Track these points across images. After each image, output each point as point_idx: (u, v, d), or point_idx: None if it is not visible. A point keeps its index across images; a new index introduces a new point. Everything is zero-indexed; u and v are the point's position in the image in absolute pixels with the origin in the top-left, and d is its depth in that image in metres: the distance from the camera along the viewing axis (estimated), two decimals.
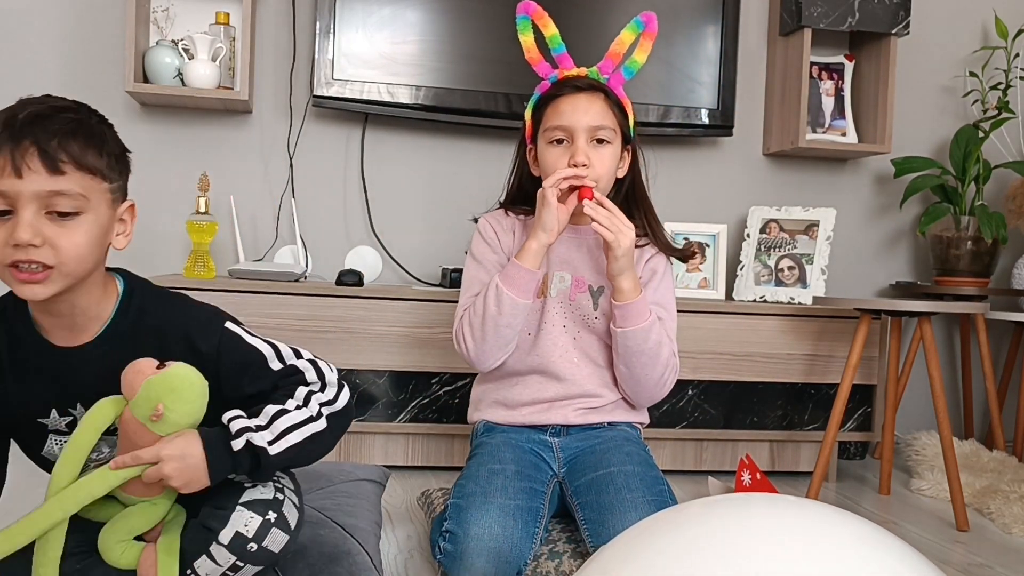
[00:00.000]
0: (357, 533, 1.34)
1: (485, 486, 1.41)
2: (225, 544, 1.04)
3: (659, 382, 1.59)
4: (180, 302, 1.15)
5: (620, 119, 1.56)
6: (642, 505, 1.38)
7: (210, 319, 1.14)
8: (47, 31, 2.42)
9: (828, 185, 2.84)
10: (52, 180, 0.98)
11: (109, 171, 1.05)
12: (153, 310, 1.12)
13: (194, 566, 1.06)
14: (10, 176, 0.97)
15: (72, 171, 0.99)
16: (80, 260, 1.02)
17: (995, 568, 1.70)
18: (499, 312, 1.52)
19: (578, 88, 1.54)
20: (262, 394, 1.12)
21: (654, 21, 1.56)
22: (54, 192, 0.98)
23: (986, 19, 2.89)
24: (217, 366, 1.10)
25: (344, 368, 2.15)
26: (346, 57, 2.39)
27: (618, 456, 1.50)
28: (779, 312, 2.32)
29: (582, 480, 1.48)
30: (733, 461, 2.34)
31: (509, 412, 1.62)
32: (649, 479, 1.45)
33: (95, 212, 1.03)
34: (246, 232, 2.46)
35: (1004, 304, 2.90)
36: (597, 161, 1.53)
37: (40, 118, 0.99)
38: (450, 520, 1.38)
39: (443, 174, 2.62)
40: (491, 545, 1.33)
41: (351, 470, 1.60)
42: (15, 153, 0.97)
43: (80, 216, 1.01)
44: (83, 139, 1.01)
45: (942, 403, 2.02)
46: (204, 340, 1.11)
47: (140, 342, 1.10)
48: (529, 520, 1.38)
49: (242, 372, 1.12)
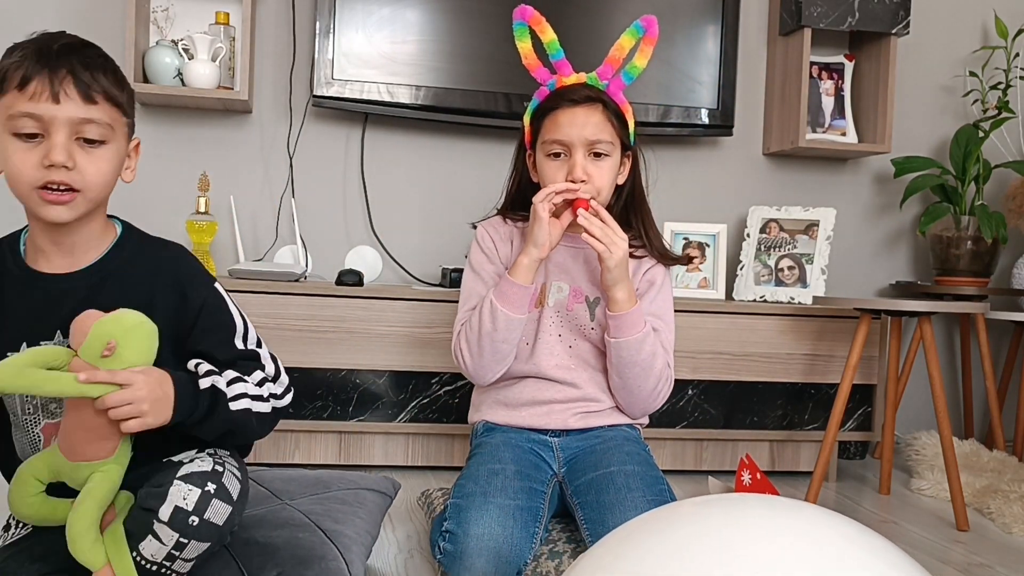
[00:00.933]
0: (339, 539, 1.32)
1: (485, 486, 1.41)
2: (166, 521, 1.02)
3: (652, 393, 1.59)
4: (176, 249, 1.19)
5: (619, 128, 1.55)
6: (642, 504, 1.38)
7: (203, 272, 1.18)
8: (47, 30, 2.42)
9: (828, 185, 2.84)
10: (85, 108, 1.05)
11: (128, 106, 1.12)
12: (150, 252, 1.16)
13: (139, 548, 1.04)
14: (47, 101, 1.02)
15: (102, 102, 1.06)
16: (103, 186, 1.09)
17: (995, 568, 1.70)
18: (494, 328, 1.53)
19: (576, 101, 1.53)
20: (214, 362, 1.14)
21: (654, 25, 1.54)
22: (86, 120, 1.05)
23: (986, 19, 2.89)
24: (196, 318, 1.14)
25: (344, 368, 2.15)
26: (346, 57, 2.39)
27: (618, 456, 1.50)
28: (779, 312, 2.32)
29: (582, 480, 1.48)
30: (733, 461, 2.34)
31: (509, 412, 1.62)
32: (649, 478, 1.45)
33: (116, 143, 1.10)
34: (246, 232, 2.46)
35: (1004, 304, 2.90)
36: (596, 174, 1.52)
37: (74, 49, 1.06)
38: (450, 520, 1.38)
39: (443, 174, 2.62)
40: (491, 545, 1.33)
41: (355, 479, 1.59)
42: (53, 79, 1.02)
43: (105, 145, 1.08)
44: (111, 74, 1.08)
45: (942, 403, 2.02)
46: (194, 290, 1.15)
47: (130, 278, 1.13)
48: (529, 520, 1.39)
49: (212, 333, 1.15)
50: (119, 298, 1.09)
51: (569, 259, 1.64)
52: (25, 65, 1.03)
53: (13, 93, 1.03)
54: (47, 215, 1.06)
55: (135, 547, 1.04)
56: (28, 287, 1.11)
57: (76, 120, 1.04)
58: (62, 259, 1.12)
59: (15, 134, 1.04)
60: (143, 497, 1.05)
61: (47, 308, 1.10)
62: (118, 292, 1.11)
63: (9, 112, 1.03)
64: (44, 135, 1.04)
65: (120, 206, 1.24)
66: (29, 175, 1.04)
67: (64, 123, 1.04)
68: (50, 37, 1.07)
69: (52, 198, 1.05)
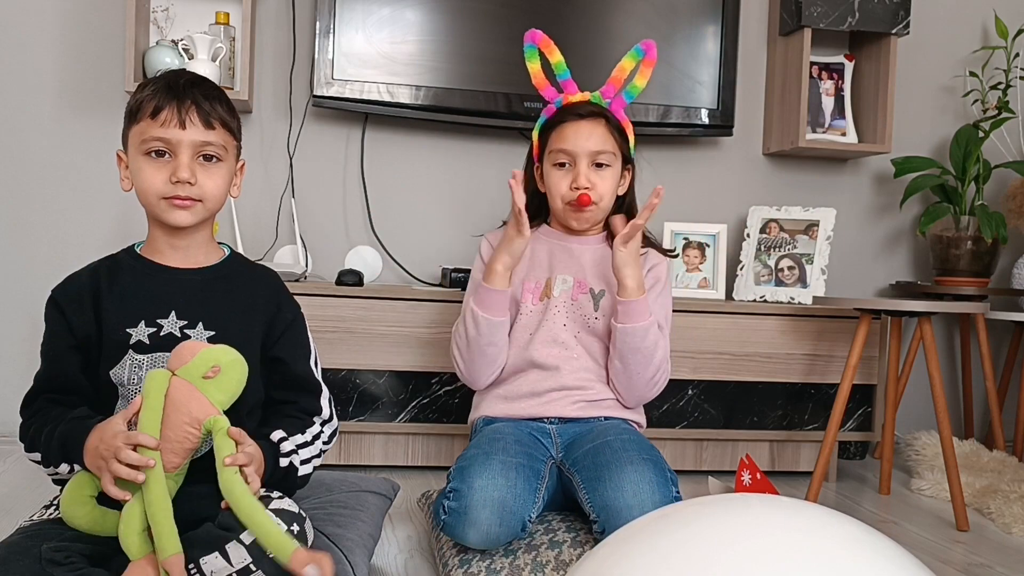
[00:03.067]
0: (341, 542, 1.34)
1: (487, 448, 1.46)
2: (246, 544, 1.06)
3: (650, 382, 1.66)
4: (274, 272, 1.39)
5: (620, 142, 1.69)
6: (638, 461, 1.41)
7: (293, 297, 1.38)
8: (47, 31, 2.42)
9: (828, 185, 2.84)
10: (205, 132, 1.24)
11: (237, 131, 1.32)
12: (254, 268, 1.38)
13: (200, 562, 1.06)
14: (175, 127, 1.22)
15: (218, 127, 1.26)
16: (218, 198, 1.28)
17: (995, 568, 1.70)
18: (478, 333, 1.64)
19: (581, 115, 1.66)
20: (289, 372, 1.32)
21: (653, 49, 1.69)
22: (205, 142, 1.24)
23: (986, 19, 2.89)
24: (285, 330, 1.33)
25: (344, 368, 2.15)
26: (346, 57, 2.39)
27: (614, 431, 1.54)
28: (779, 312, 2.32)
29: (579, 452, 1.52)
30: (733, 461, 2.34)
31: (509, 405, 1.67)
32: (646, 445, 1.49)
33: (228, 162, 1.29)
34: (246, 232, 2.46)
35: (1004, 304, 2.90)
36: (598, 183, 1.66)
37: (196, 83, 1.25)
38: (453, 480, 1.42)
39: (443, 174, 2.62)
40: (495, 495, 1.37)
41: (355, 481, 1.60)
42: (180, 109, 1.22)
43: (220, 163, 1.27)
44: (226, 104, 1.28)
45: (942, 403, 2.02)
46: (287, 307, 1.35)
47: (237, 283, 1.32)
48: (531, 476, 1.42)
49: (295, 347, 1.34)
50: (227, 296, 1.29)
51: (575, 254, 1.73)
52: (157, 97, 1.22)
53: (147, 121, 1.22)
54: (173, 219, 1.24)
55: (196, 558, 1.07)
56: (146, 276, 1.28)
57: (198, 143, 1.23)
58: (178, 259, 1.30)
59: (146, 153, 1.23)
60: (225, 518, 1.09)
61: (165, 293, 1.27)
62: (227, 291, 1.30)
63: (143, 137, 1.23)
64: (171, 155, 1.23)
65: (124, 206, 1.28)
66: (159, 189, 1.23)
67: (188, 145, 1.23)
68: (175, 74, 1.26)
69: (178, 203, 1.24)
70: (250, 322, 1.30)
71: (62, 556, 1.07)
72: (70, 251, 2.39)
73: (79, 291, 1.26)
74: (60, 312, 1.25)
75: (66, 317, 1.24)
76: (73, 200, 2.42)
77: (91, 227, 2.41)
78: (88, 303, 1.25)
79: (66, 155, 2.43)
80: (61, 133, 2.43)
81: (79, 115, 2.43)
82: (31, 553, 1.06)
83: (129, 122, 1.25)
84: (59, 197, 2.42)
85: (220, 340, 1.25)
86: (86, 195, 2.41)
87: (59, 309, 1.25)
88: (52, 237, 2.42)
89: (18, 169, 2.42)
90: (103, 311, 1.24)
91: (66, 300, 1.25)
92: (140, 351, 1.23)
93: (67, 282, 1.29)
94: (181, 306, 1.26)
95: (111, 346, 1.23)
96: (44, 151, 2.42)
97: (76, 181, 2.42)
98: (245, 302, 1.30)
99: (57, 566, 1.05)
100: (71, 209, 2.42)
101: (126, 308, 1.25)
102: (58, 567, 1.05)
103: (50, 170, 2.43)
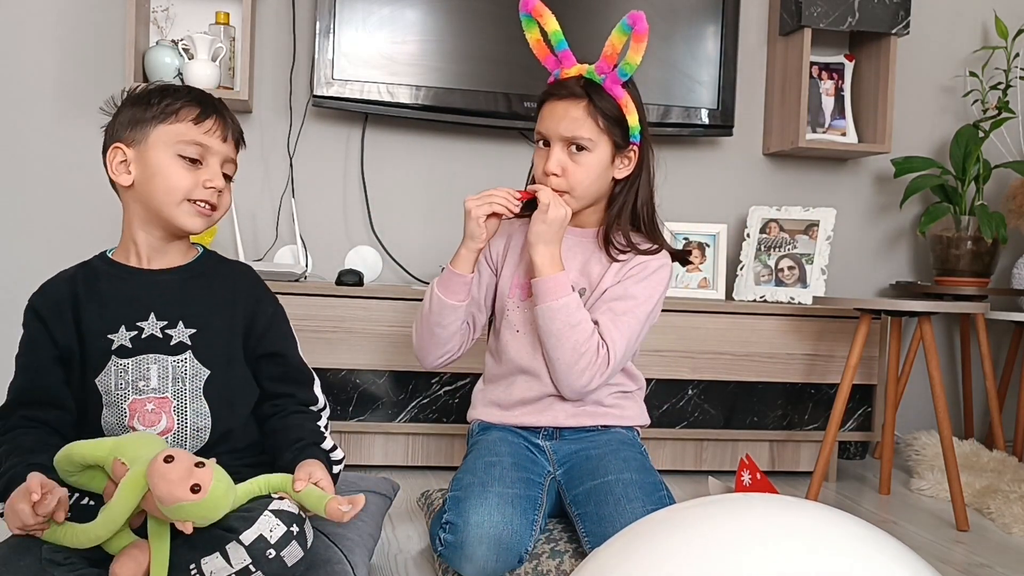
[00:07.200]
0: (342, 542, 1.33)
1: (483, 476, 1.43)
2: (246, 545, 1.06)
3: (571, 369, 1.52)
4: (249, 267, 1.39)
5: (605, 124, 1.52)
6: (641, 515, 1.36)
7: (271, 292, 1.38)
8: (47, 31, 2.42)
9: (828, 185, 2.84)
10: (232, 149, 1.30)
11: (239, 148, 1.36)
12: (229, 265, 1.37)
13: (200, 561, 1.06)
14: (218, 138, 1.26)
15: (239, 146, 1.32)
16: (226, 211, 1.31)
17: (995, 568, 1.70)
18: (430, 311, 1.59)
19: (559, 96, 1.53)
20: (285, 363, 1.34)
21: (641, 21, 1.47)
22: (231, 159, 1.30)
23: (986, 19, 2.89)
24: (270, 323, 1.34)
25: (344, 368, 2.15)
26: (346, 57, 2.39)
27: (615, 463, 1.49)
28: (779, 312, 2.32)
29: (580, 489, 1.48)
30: (733, 461, 2.34)
31: (503, 413, 1.63)
32: (648, 486, 1.44)
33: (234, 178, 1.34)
34: (246, 232, 2.46)
35: (1004, 304, 2.90)
36: (571, 169, 1.53)
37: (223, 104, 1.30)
38: (449, 512, 1.39)
39: (443, 174, 2.62)
40: (491, 532, 1.34)
41: (355, 481, 1.60)
42: (224, 123, 1.27)
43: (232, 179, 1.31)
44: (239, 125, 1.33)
45: (942, 403, 2.02)
46: (267, 301, 1.36)
47: (216, 280, 1.32)
48: (528, 508, 1.40)
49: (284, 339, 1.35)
50: (206, 292, 1.30)
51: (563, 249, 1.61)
52: (200, 106, 1.25)
53: (188, 123, 1.24)
54: (190, 223, 1.26)
55: (196, 559, 1.06)
56: (122, 280, 1.27)
57: (227, 157, 1.29)
58: (155, 261, 1.29)
59: (178, 155, 1.24)
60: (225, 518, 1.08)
61: (143, 295, 1.26)
62: (205, 287, 1.30)
63: (181, 138, 1.23)
64: (202, 162, 1.25)
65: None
66: (187, 190, 1.24)
67: (221, 157, 1.27)
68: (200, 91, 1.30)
69: (199, 210, 1.26)
70: (231, 316, 1.30)
71: (62, 556, 1.07)
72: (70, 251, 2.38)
73: (58, 300, 1.25)
74: (42, 322, 1.24)
75: (48, 327, 1.23)
76: (73, 200, 2.42)
77: (91, 227, 2.41)
78: (68, 312, 1.24)
79: (66, 155, 2.42)
80: (61, 133, 2.42)
81: (79, 115, 2.42)
82: (31, 553, 1.06)
83: (155, 120, 1.23)
84: (59, 197, 2.42)
85: (202, 336, 1.26)
86: (86, 195, 2.41)
87: (40, 319, 1.24)
88: (52, 237, 2.42)
89: (18, 169, 2.42)
90: (83, 320, 1.24)
91: (47, 310, 1.24)
92: (123, 356, 1.23)
93: (45, 291, 1.27)
94: (160, 307, 1.26)
95: (94, 354, 1.23)
96: (44, 151, 2.42)
97: (76, 181, 2.42)
98: (225, 297, 1.31)
99: (57, 566, 1.05)
100: (71, 209, 2.42)
101: (105, 314, 1.24)
102: (58, 567, 1.05)
103: (50, 170, 2.42)
